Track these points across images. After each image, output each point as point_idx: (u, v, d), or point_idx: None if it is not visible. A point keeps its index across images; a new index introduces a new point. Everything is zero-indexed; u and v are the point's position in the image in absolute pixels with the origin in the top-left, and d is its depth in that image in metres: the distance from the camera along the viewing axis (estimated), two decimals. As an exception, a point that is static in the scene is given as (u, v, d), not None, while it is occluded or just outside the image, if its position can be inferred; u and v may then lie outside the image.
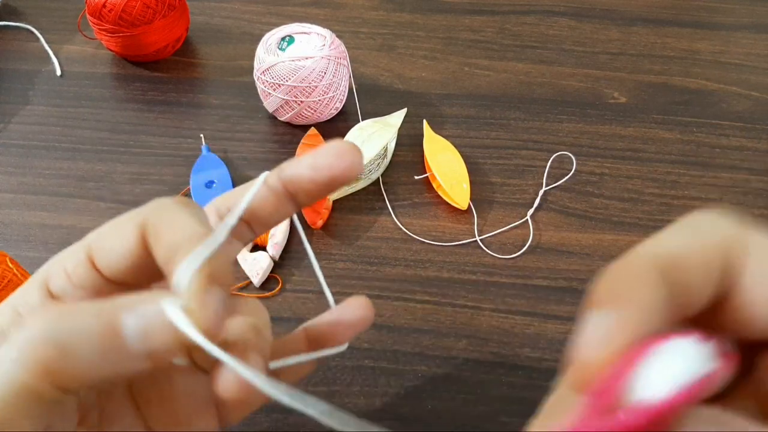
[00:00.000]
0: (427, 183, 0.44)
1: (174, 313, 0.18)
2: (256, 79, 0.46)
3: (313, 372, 0.34)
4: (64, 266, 0.21)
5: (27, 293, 0.21)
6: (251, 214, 0.23)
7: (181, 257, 0.19)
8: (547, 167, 0.45)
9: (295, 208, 0.24)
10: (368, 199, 0.43)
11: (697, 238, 0.16)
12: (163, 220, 0.21)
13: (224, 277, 0.19)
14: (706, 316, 0.16)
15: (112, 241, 0.21)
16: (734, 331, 0.16)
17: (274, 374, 0.22)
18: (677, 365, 0.14)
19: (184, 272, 0.18)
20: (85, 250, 0.21)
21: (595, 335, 0.15)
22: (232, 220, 0.22)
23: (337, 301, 0.39)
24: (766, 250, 0.16)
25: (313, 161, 0.23)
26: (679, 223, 0.17)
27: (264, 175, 0.23)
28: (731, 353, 0.15)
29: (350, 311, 0.26)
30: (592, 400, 0.15)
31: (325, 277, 0.39)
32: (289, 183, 0.23)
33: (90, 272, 0.21)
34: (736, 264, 0.16)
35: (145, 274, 0.22)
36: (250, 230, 0.24)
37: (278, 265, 0.40)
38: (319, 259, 0.40)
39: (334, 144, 0.23)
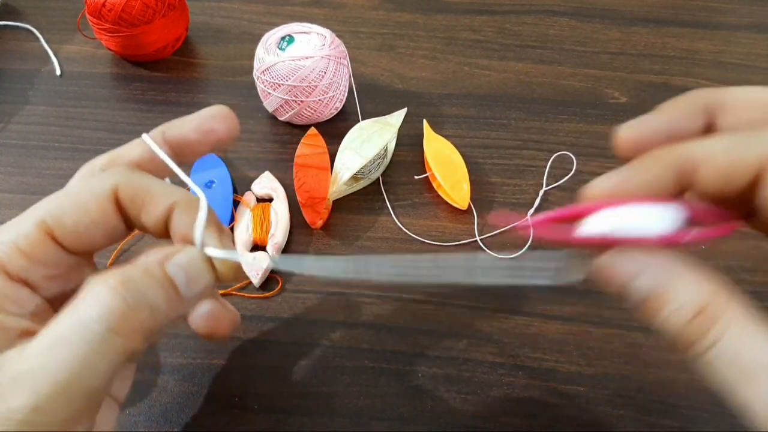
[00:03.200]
0: (427, 183, 0.44)
1: (215, 251, 0.23)
2: (255, 78, 0.46)
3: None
4: (18, 246, 0.22)
5: None
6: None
7: (185, 215, 0.23)
8: (548, 167, 0.45)
9: (179, 163, 0.26)
10: (368, 199, 0.43)
11: (734, 144, 0.19)
12: (141, 187, 0.23)
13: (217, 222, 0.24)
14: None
15: (78, 215, 0.23)
16: None
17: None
18: (639, 220, 0.20)
19: (199, 225, 0.23)
20: (40, 227, 0.22)
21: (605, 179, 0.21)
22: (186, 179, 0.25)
23: (334, 301, 0.39)
24: None
25: (198, 125, 0.26)
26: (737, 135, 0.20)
27: (144, 136, 0.26)
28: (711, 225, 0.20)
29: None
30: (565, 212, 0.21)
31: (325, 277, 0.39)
32: (174, 144, 0.26)
33: (51, 248, 0.23)
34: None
35: (110, 240, 0.24)
36: None
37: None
38: (319, 259, 0.40)
39: (214, 109, 0.26)
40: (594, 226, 0.20)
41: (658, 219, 0.19)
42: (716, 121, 0.21)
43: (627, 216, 0.20)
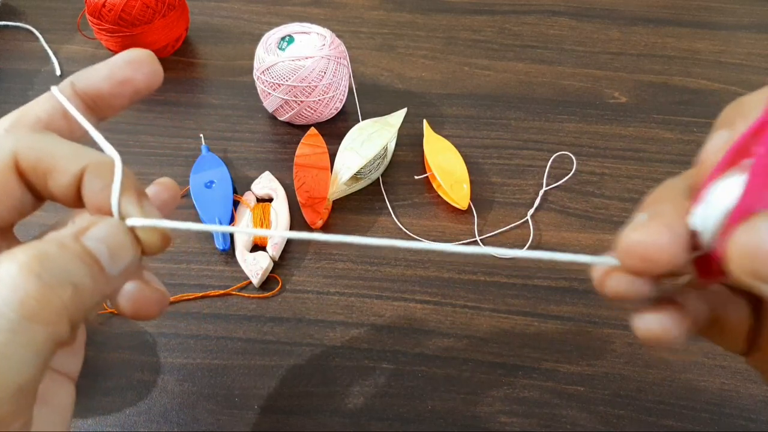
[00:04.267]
0: (427, 183, 0.44)
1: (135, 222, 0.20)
2: (255, 78, 0.46)
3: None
4: None
5: None
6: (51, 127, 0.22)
7: (98, 181, 0.20)
8: (548, 167, 0.45)
9: (95, 120, 0.23)
10: (368, 199, 0.43)
11: None
12: (44, 151, 0.20)
13: (136, 185, 0.21)
14: None
15: None
16: None
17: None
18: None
19: (115, 192, 0.20)
20: None
21: (715, 144, 0.18)
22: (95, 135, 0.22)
23: (334, 301, 0.39)
24: None
25: (110, 74, 0.23)
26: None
27: (53, 89, 0.22)
28: None
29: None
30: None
31: (325, 277, 0.39)
32: (86, 98, 0.23)
33: None
34: None
35: (19, 213, 0.21)
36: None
37: (278, 265, 0.39)
38: (319, 259, 0.40)
39: (129, 54, 0.23)
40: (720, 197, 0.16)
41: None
42: None
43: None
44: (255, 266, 0.38)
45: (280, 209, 0.41)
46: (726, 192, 0.15)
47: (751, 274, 0.14)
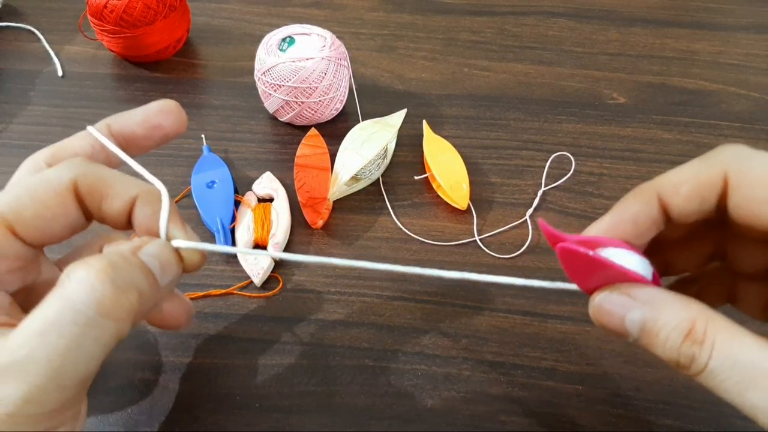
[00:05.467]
0: (427, 183, 0.44)
1: (179, 243, 0.24)
2: (256, 79, 0.46)
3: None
4: None
5: None
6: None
7: (148, 208, 0.23)
8: (547, 167, 0.45)
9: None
10: (368, 199, 0.44)
11: (699, 171, 0.22)
12: (101, 179, 0.23)
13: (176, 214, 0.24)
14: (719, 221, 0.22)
15: (38, 208, 0.23)
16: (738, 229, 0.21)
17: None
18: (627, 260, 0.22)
19: (164, 217, 0.23)
20: (1, 222, 0.22)
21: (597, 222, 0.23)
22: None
23: (334, 301, 0.40)
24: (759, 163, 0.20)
25: (144, 119, 0.26)
26: (693, 161, 0.23)
27: (90, 129, 0.26)
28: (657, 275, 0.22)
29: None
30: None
31: (325, 276, 0.39)
32: (120, 137, 0.26)
33: (11, 241, 0.22)
34: (732, 176, 0.21)
35: (70, 231, 0.24)
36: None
37: (279, 264, 0.40)
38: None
39: (161, 103, 0.27)
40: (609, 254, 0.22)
41: (640, 264, 0.22)
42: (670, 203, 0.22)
43: (620, 256, 0.22)
44: (256, 266, 0.38)
45: (281, 209, 0.41)
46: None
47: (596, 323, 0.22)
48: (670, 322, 0.20)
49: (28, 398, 0.18)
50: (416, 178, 0.44)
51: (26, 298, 0.24)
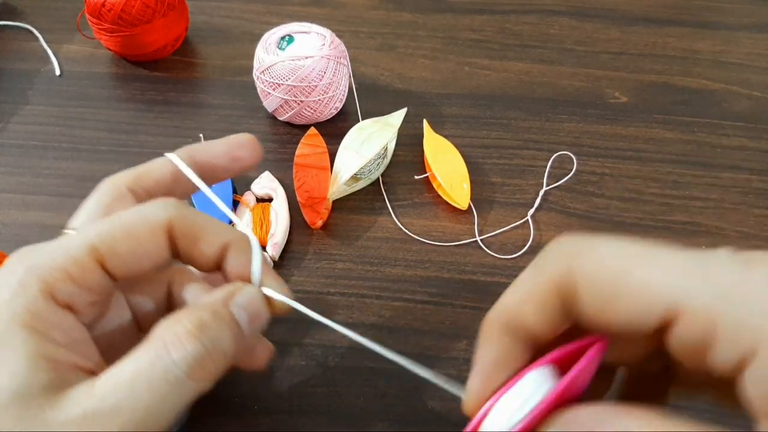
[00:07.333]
0: (427, 183, 0.44)
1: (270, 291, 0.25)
2: (255, 78, 0.46)
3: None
4: (68, 272, 0.22)
5: (33, 304, 0.21)
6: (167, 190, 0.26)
7: (240, 255, 0.24)
8: (548, 167, 0.45)
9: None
10: (368, 199, 0.43)
11: (535, 283, 0.20)
12: (196, 224, 0.24)
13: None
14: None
15: (131, 245, 0.23)
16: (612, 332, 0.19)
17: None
18: (518, 400, 0.19)
19: (257, 266, 0.25)
20: (92, 255, 0.22)
21: (468, 386, 0.22)
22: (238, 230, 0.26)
23: (334, 301, 0.39)
24: (596, 263, 0.19)
25: (227, 151, 0.27)
26: (528, 268, 0.21)
27: (172, 157, 0.26)
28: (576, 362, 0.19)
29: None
30: None
31: (325, 277, 0.39)
32: (198, 165, 0.26)
33: (101, 276, 0.23)
34: (573, 289, 0.19)
35: (155, 269, 0.24)
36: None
37: (278, 265, 0.39)
38: (318, 259, 0.40)
39: (241, 137, 0.28)
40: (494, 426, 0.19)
41: (539, 383, 0.19)
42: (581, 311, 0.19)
43: (515, 399, 0.19)
44: (255, 266, 0.38)
45: (280, 209, 0.41)
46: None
47: None
48: None
49: None
50: (416, 177, 0.44)
51: (99, 329, 0.24)
